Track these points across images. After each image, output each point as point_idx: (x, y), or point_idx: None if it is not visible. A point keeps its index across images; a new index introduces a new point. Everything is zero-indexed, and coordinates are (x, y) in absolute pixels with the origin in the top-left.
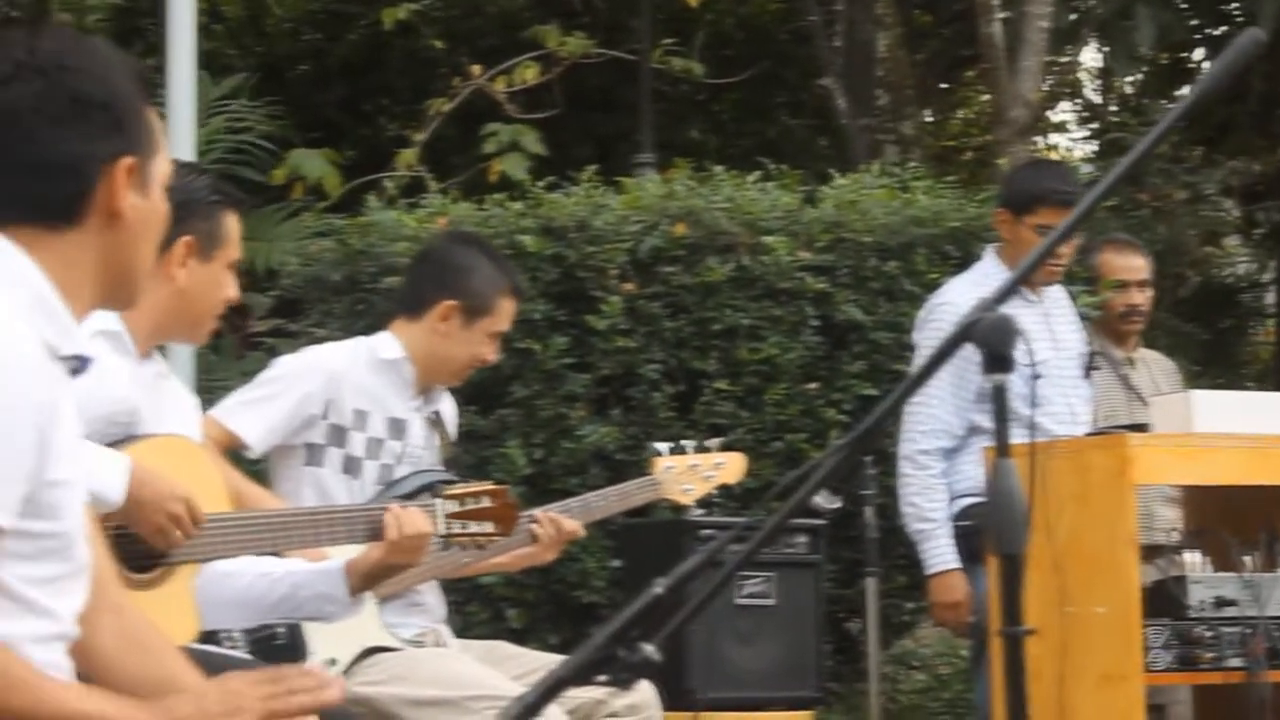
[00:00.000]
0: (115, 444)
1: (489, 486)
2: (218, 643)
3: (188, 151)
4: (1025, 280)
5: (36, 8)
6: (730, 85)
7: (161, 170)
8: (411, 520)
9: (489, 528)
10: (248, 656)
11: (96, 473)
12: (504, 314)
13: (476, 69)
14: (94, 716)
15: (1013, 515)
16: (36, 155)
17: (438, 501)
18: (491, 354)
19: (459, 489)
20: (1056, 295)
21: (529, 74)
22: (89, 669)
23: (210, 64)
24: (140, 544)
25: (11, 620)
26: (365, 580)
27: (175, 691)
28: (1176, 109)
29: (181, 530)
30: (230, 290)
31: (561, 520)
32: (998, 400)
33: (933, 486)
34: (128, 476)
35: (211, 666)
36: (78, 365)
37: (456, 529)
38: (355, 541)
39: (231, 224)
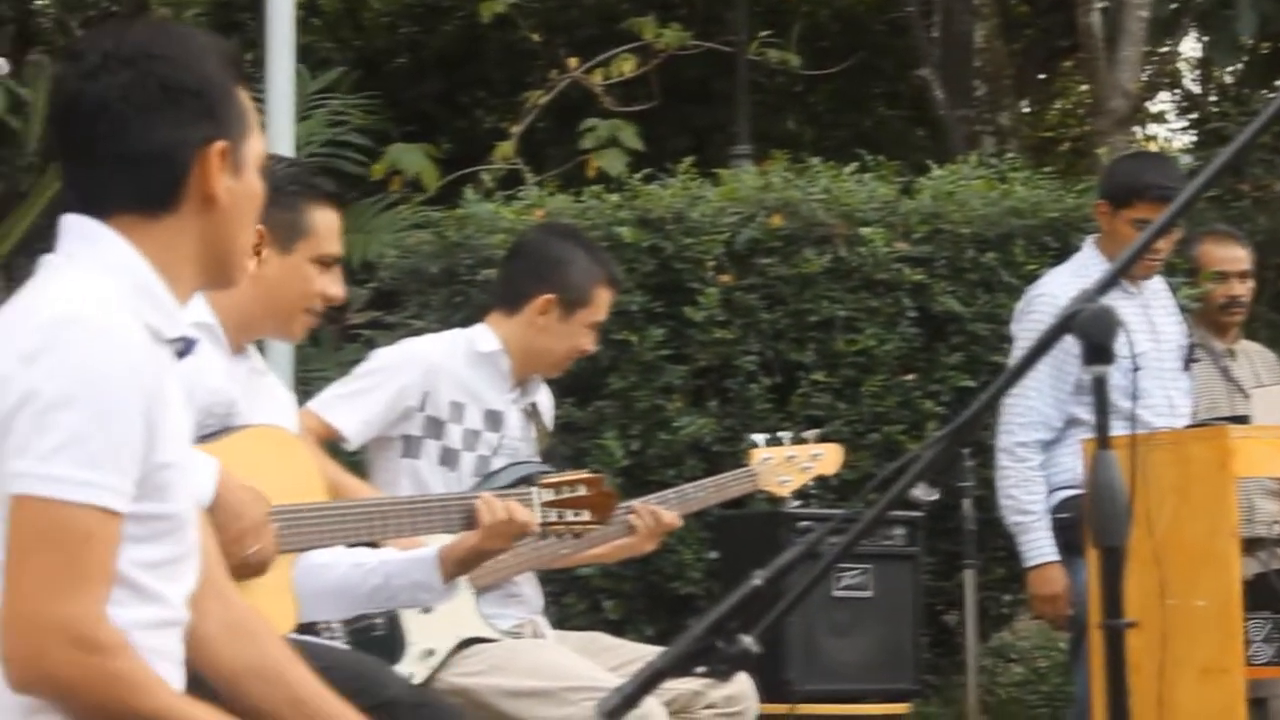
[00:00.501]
0: (212, 435)
1: (585, 475)
2: (316, 634)
3: (286, 146)
4: (1124, 273)
5: (136, 3)
6: (826, 76)
7: (255, 151)
8: (506, 505)
9: (585, 516)
10: (345, 648)
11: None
12: (601, 304)
13: (573, 61)
14: None
15: (1114, 507)
16: (128, 145)
17: (534, 490)
18: (590, 344)
19: (555, 478)
20: (1156, 287)
21: (626, 66)
22: (194, 655)
23: (307, 58)
24: None
25: (124, 607)
26: (459, 566)
27: (280, 681)
28: (1278, 99)
29: (261, 542)
30: (318, 284)
31: (660, 512)
32: (1098, 392)
33: (1031, 479)
34: (216, 479)
35: (313, 657)
36: (183, 347)
37: (553, 517)
38: (450, 530)
39: (318, 217)
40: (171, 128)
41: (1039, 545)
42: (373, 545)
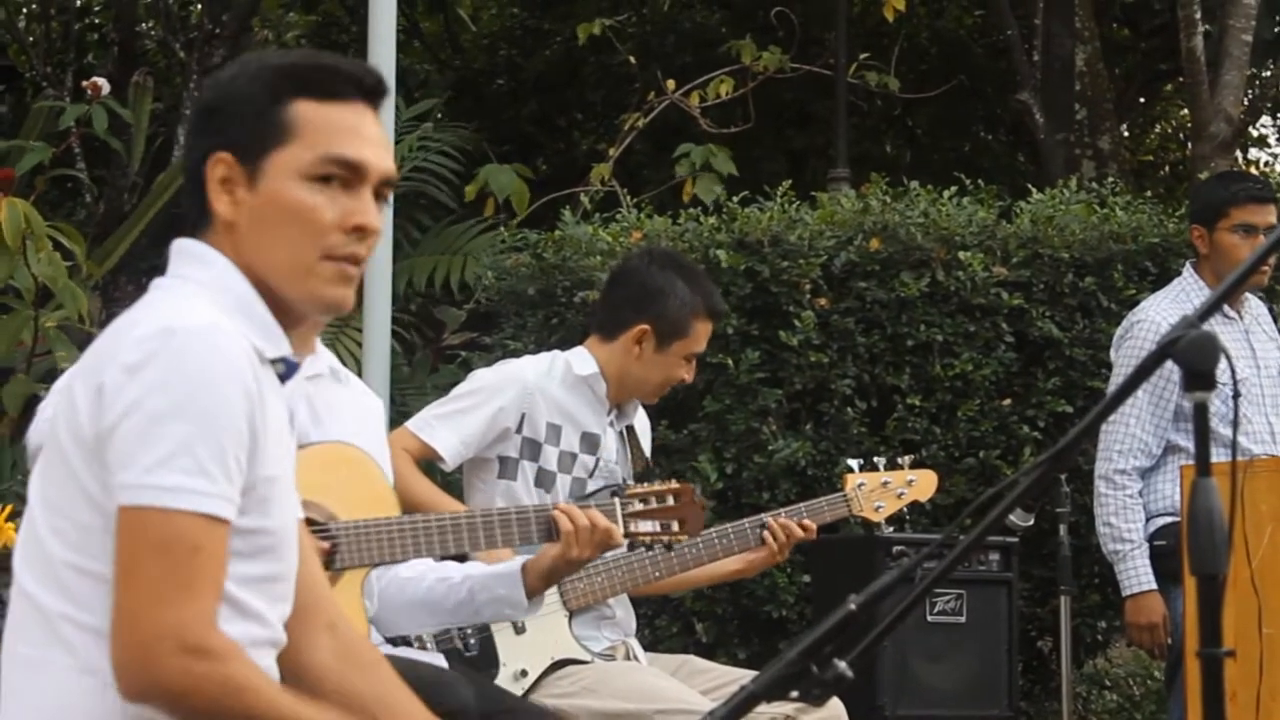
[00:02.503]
0: None
1: (674, 485)
2: (409, 646)
3: None
4: (1229, 297)
5: (239, 25)
6: (925, 100)
7: (299, 159)
8: (586, 513)
9: (675, 527)
10: (419, 659)
11: None
12: (700, 336)
13: (671, 84)
14: None
15: (1212, 535)
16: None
17: (616, 500)
18: (687, 375)
19: (641, 488)
20: (1257, 312)
21: (723, 88)
22: (302, 684)
23: (408, 79)
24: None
25: (223, 622)
26: (543, 580)
27: (391, 714)
28: None
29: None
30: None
31: (793, 525)
32: (1199, 418)
33: (1129, 507)
34: None
35: (414, 675)
36: (284, 370)
37: (644, 527)
38: (529, 542)
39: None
40: (195, 145)
41: (1137, 573)
42: (459, 558)
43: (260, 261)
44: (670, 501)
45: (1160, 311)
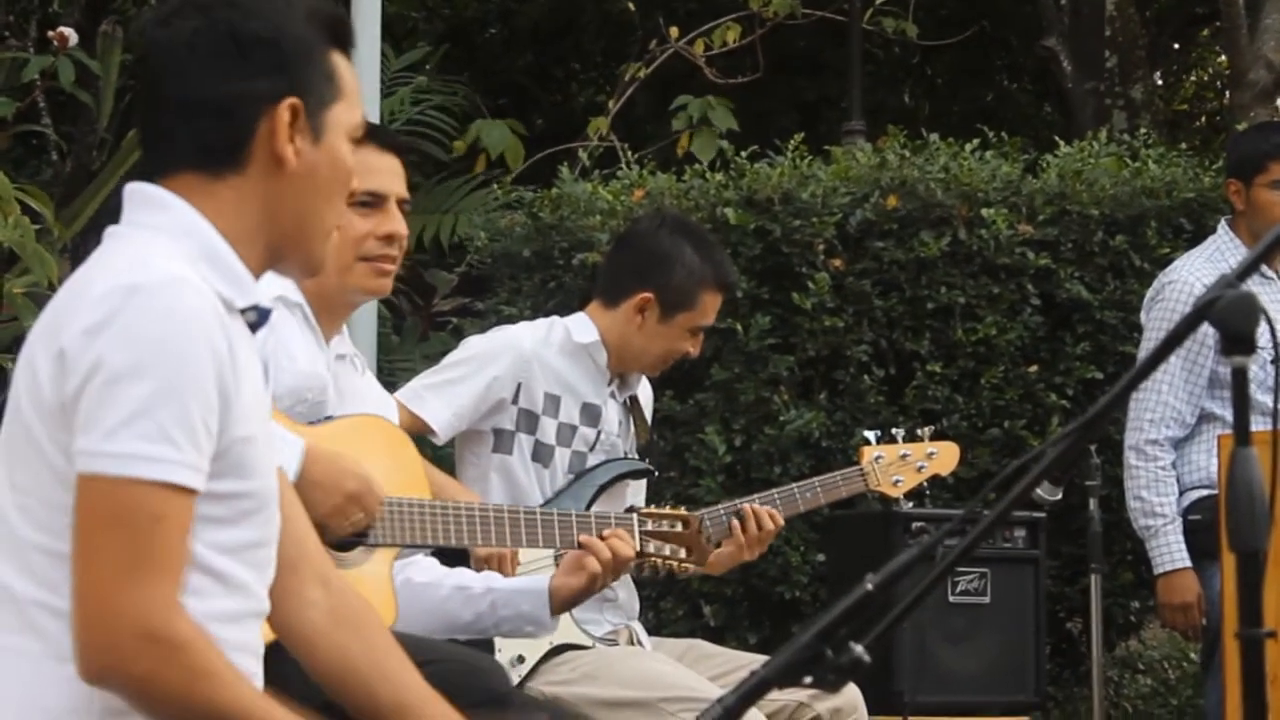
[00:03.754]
0: (313, 424)
1: (683, 513)
2: None
3: (372, 120)
4: (1267, 255)
5: None
6: (946, 47)
7: (346, 120)
8: (609, 544)
9: (681, 554)
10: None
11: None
12: (707, 309)
13: (674, 31)
14: None
15: (1252, 508)
16: (190, 93)
17: (635, 517)
18: (692, 348)
19: (654, 509)
20: None
21: (730, 36)
22: (296, 647)
23: (395, 27)
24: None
25: (206, 598)
26: (566, 605)
27: (385, 681)
28: None
29: (363, 510)
30: (361, 226)
31: (765, 515)
32: (1238, 384)
33: (1162, 479)
34: (301, 456)
35: (420, 650)
36: (256, 318)
37: (651, 549)
38: (550, 548)
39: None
40: (238, 80)
41: (1169, 550)
42: (461, 553)
43: (301, 217)
44: (679, 528)
45: (1194, 271)
